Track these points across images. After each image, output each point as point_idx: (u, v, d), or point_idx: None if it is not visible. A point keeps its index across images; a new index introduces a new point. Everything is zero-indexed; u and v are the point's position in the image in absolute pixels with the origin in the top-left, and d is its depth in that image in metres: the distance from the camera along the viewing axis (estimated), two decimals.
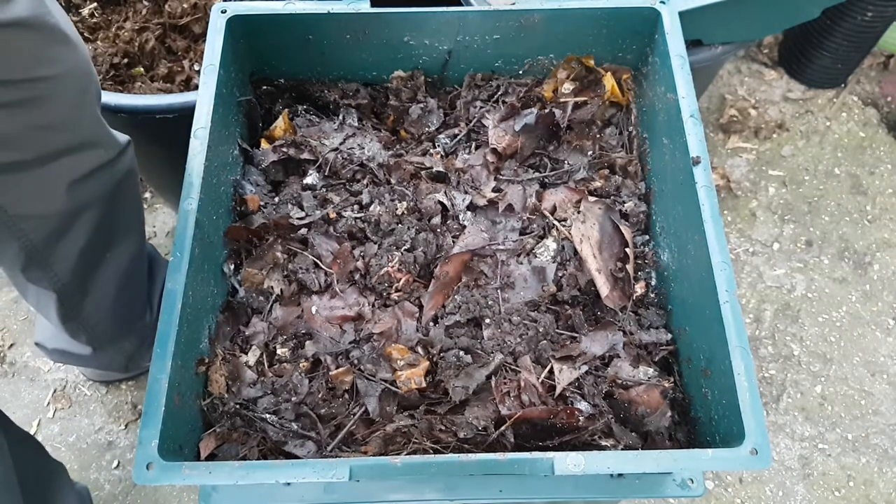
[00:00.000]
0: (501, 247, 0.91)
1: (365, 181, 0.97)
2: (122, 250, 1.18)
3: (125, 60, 1.33)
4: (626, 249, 0.91)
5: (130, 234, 1.20)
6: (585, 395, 0.81)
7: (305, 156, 0.98)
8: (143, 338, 1.37)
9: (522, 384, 0.80)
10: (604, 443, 0.77)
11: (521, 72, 1.05)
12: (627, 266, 0.89)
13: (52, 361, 1.52)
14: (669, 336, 0.87)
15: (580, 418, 0.77)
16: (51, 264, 1.07)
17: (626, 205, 0.97)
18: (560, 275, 0.90)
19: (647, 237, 0.96)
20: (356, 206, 0.95)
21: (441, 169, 0.96)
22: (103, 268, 1.15)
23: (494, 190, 0.96)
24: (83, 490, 1.33)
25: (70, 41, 0.86)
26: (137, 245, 1.24)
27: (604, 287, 0.88)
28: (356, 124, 1.03)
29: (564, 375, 0.81)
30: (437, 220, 0.92)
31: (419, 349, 0.84)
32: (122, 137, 1.05)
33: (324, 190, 0.96)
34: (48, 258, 1.05)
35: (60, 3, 1.33)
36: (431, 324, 0.86)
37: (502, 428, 0.76)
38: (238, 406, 0.80)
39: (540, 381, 0.81)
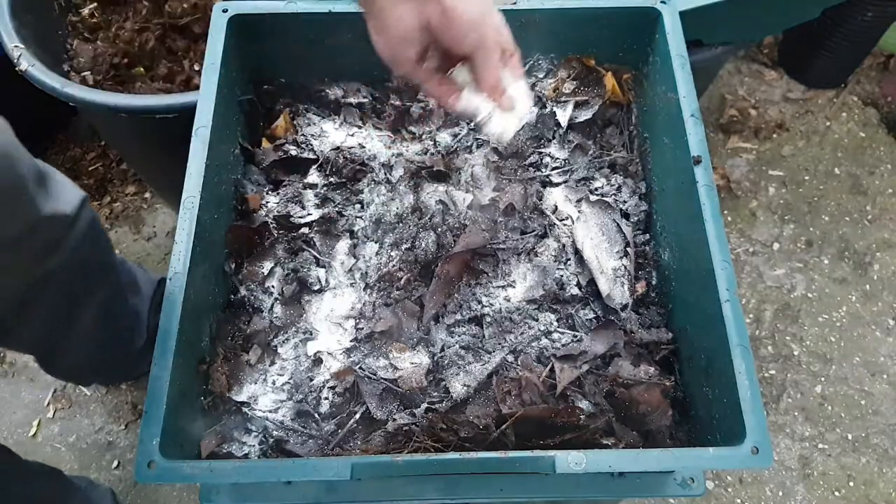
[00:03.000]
0: (502, 246, 0.91)
1: (366, 180, 0.97)
2: (99, 297, 1.17)
3: (125, 60, 1.33)
4: (628, 249, 0.91)
5: (104, 280, 1.18)
6: (586, 394, 0.81)
7: (306, 155, 0.98)
8: (133, 357, 1.36)
9: (523, 383, 0.80)
10: (605, 441, 0.77)
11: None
12: (628, 265, 0.89)
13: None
14: (670, 335, 0.87)
15: (581, 417, 0.77)
16: (18, 333, 1.06)
17: (626, 204, 0.97)
18: (561, 274, 0.91)
19: (647, 236, 0.96)
20: (357, 205, 0.95)
21: (442, 168, 0.97)
22: (80, 320, 1.14)
23: (495, 189, 0.96)
24: (105, 494, 1.33)
25: None
26: (113, 285, 1.22)
27: (605, 286, 0.88)
28: (357, 123, 1.04)
29: (565, 374, 0.81)
30: (437, 218, 0.92)
31: (420, 348, 0.84)
32: (74, 201, 1.00)
33: (325, 189, 0.96)
34: (15, 330, 1.04)
35: (60, 3, 1.33)
36: (432, 322, 0.86)
37: (503, 426, 0.76)
38: (239, 404, 0.80)
39: (541, 379, 0.81)
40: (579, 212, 0.95)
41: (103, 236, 1.14)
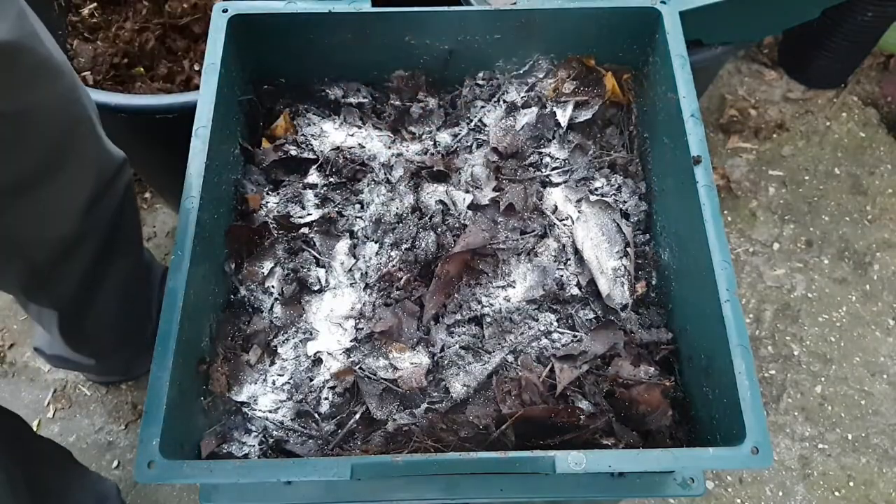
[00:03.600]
0: (502, 246, 0.91)
1: (366, 180, 0.97)
2: (124, 265, 1.18)
3: (125, 60, 1.33)
4: (628, 249, 0.91)
5: (131, 249, 1.20)
6: (586, 394, 0.81)
7: (306, 155, 0.98)
8: (143, 345, 1.37)
9: (523, 383, 0.80)
10: (605, 441, 0.77)
11: (521, 71, 1.05)
12: (628, 265, 0.89)
13: (51, 367, 1.52)
14: (670, 335, 0.87)
15: (581, 417, 0.77)
16: (54, 286, 1.06)
17: (626, 204, 0.97)
18: (561, 274, 0.91)
19: (647, 236, 0.96)
20: (357, 205, 0.95)
21: (442, 168, 0.97)
22: (105, 284, 1.15)
23: (495, 189, 0.96)
24: (111, 488, 1.33)
25: (55, 71, 0.84)
26: (137, 257, 1.24)
27: (605, 286, 0.88)
28: (357, 123, 1.04)
29: (565, 374, 0.81)
30: (437, 219, 0.92)
31: (420, 348, 0.84)
32: (118, 155, 1.05)
33: (325, 189, 0.96)
34: (51, 280, 1.05)
35: (60, 3, 1.33)
36: (432, 322, 0.86)
37: (503, 427, 0.76)
38: (239, 405, 0.80)
39: (541, 379, 0.81)
40: (579, 212, 0.95)
41: (136, 204, 1.16)
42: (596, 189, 0.99)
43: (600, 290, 0.88)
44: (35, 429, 1.48)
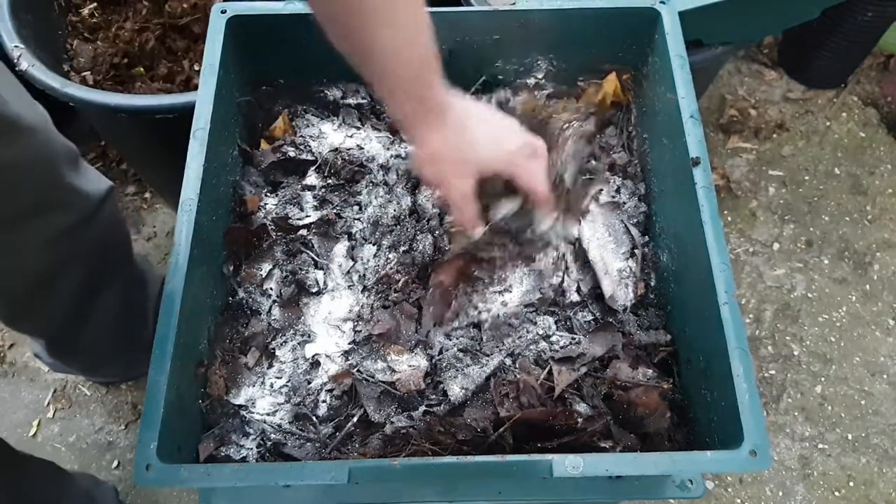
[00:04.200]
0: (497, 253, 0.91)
1: (364, 182, 0.96)
2: (116, 286, 1.18)
3: (125, 60, 1.33)
4: (635, 251, 0.91)
5: (122, 270, 1.20)
6: (584, 397, 0.81)
7: (305, 156, 0.98)
8: (140, 352, 1.37)
9: (521, 386, 0.80)
10: (603, 444, 0.76)
11: (521, 70, 1.05)
12: (634, 267, 0.89)
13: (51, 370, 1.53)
14: (669, 337, 0.87)
15: (579, 420, 0.77)
16: (36, 317, 1.06)
17: (626, 205, 0.97)
18: (559, 277, 0.90)
19: (646, 238, 0.96)
20: (355, 207, 0.95)
21: None
22: (97, 308, 1.15)
23: None
24: (108, 491, 1.33)
25: (25, 131, 0.86)
26: (130, 275, 1.24)
27: (608, 287, 0.88)
28: (356, 124, 1.03)
29: (563, 377, 0.81)
30: (435, 221, 0.92)
31: (418, 350, 0.84)
32: (101, 188, 1.05)
33: (323, 191, 0.96)
34: (33, 311, 1.05)
35: (60, 3, 1.33)
36: (431, 324, 0.86)
37: (501, 430, 0.76)
38: (237, 408, 0.80)
39: (539, 382, 0.81)
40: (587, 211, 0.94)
41: (124, 228, 1.16)
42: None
43: (603, 292, 0.88)
44: (35, 429, 1.48)
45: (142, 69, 1.35)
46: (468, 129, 0.72)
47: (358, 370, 0.82)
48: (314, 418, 0.80)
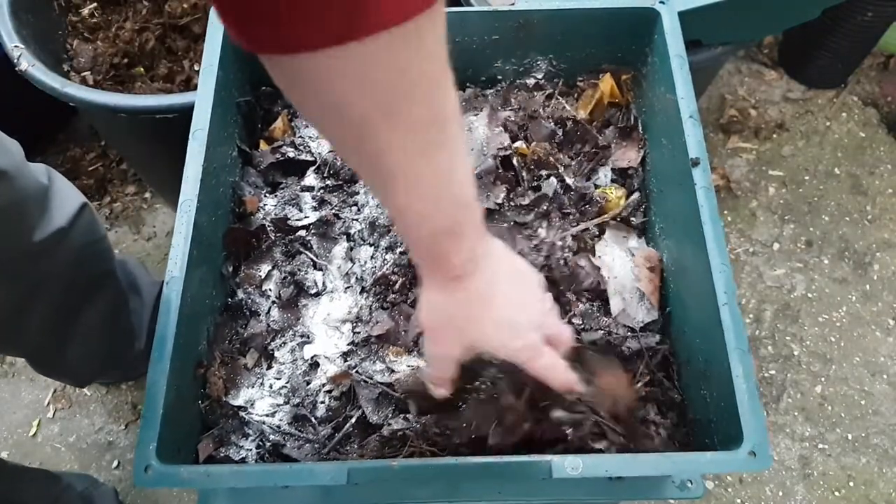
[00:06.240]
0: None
1: (362, 182, 0.96)
2: (98, 303, 1.16)
3: (125, 60, 1.33)
4: (653, 270, 0.90)
5: (101, 288, 1.18)
6: (562, 404, 0.78)
7: (304, 157, 0.98)
8: (130, 366, 1.36)
9: (503, 405, 0.76)
10: (597, 445, 0.74)
11: (521, 70, 1.05)
12: (652, 295, 0.88)
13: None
14: (668, 338, 0.87)
15: (565, 429, 0.74)
16: (13, 338, 1.05)
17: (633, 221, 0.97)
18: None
19: (646, 238, 0.96)
20: (354, 208, 0.95)
21: None
22: (76, 326, 1.13)
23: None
24: (107, 493, 1.33)
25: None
26: (112, 293, 1.22)
27: (616, 306, 0.87)
28: None
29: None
30: None
31: (417, 351, 0.84)
32: (74, 206, 1.01)
33: (322, 191, 0.96)
34: (9, 335, 1.04)
35: (60, 3, 1.33)
36: None
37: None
38: (236, 409, 0.80)
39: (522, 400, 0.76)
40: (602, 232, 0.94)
41: (101, 244, 1.12)
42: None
43: (611, 309, 0.87)
44: (35, 429, 1.48)
45: (142, 69, 1.35)
46: (484, 305, 0.61)
47: (357, 371, 0.82)
48: (313, 419, 0.80)
